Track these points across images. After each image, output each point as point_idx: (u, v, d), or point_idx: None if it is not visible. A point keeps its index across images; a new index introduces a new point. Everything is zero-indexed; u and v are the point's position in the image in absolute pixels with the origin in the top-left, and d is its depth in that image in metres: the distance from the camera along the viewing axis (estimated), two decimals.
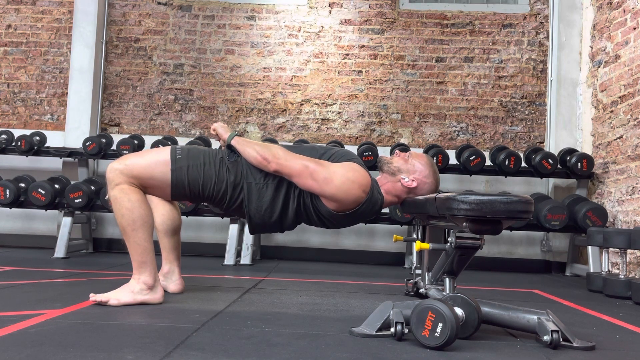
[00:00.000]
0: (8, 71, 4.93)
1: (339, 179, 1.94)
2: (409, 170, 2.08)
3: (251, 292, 2.53)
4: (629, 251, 3.39)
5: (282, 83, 4.84)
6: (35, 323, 1.64)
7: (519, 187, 4.58)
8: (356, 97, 4.80)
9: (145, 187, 2.03)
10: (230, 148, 2.11)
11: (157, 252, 2.11)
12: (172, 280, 2.37)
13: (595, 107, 4.30)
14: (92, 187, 4.00)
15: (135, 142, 4.35)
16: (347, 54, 4.83)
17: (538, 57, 4.74)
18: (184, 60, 4.90)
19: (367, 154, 4.08)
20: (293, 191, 2.04)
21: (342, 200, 1.96)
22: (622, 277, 2.98)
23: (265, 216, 2.06)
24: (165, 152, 2.06)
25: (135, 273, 2.02)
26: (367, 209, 2.02)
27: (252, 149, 2.02)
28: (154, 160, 2.04)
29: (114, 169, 2.01)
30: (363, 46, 4.83)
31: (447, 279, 1.74)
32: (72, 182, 4.08)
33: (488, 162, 4.32)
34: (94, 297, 1.98)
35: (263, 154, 1.99)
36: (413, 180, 2.07)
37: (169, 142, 4.29)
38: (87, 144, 4.27)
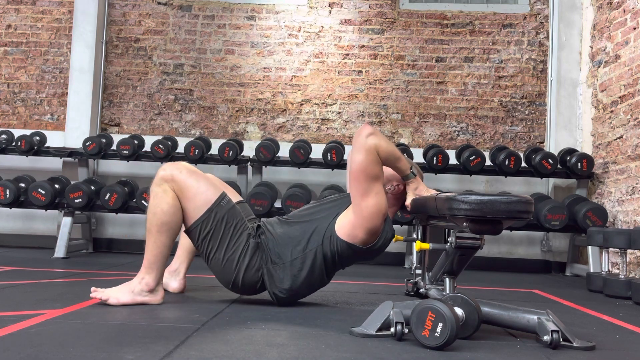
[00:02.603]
0: (8, 71, 4.93)
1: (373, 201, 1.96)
2: (388, 179, 2.09)
3: None
4: (629, 251, 3.39)
5: (282, 83, 4.84)
6: (35, 323, 1.64)
7: (519, 187, 4.58)
8: (356, 97, 4.80)
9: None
10: (258, 229, 2.10)
11: (172, 253, 2.11)
12: (175, 279, 2.37)
13: (595, 107, 4.30)
14: (92, 187, 4.00)
15: (135, 142, 4.35)
16: (347, 54, 4.83)
17: (538, 57, 4.74)
18: (184, 60, 4.90)
19: None
20: (312, 262, 2.04)
21: (372, 227, 1.98)
22: (622, 277, 2.98)
23: (291, 293, 2.08)
24: (215, 192, 2.06)
25: (141, 272, 2.02)
26: (389, 233, 2.05)
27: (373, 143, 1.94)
28: (203, 190, 2.04)
29: (169, 171, 2.02)
30: (363, 46, 4.83)
31: (447, 279, 1.74)
32: (72, 182, 4.08)
33: (488, 162, 4.32)
34: (95, 292, 1.99)
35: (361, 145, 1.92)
36: (398, 185, 2.09)
37: (169, 142, 4.29)
38: (87, 144, 4.27)
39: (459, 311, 1.60)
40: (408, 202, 2.05)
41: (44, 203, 3.91)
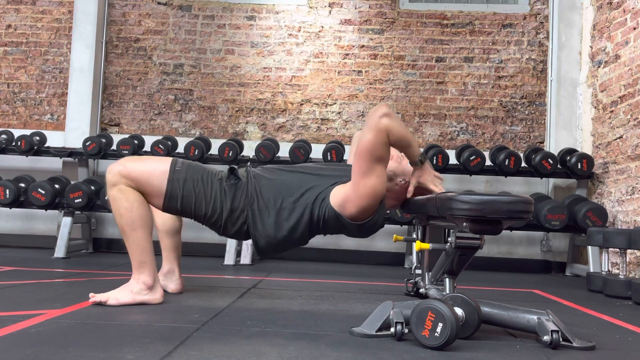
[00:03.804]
0: (8, 71, 4.93)
1: (371, 182, 1.92)
2: (404, 172, 2.08)
3: (251, 292, 2.53)
4: (629, 251, 3.39)
5: (282, 83, 4.84)
6: (35, 323, 1.64)
7: (519, 187, 4.58)
8: (356, 97, 4.80)
9: (141, 192, 2.03)
10: (231, 170, 2.08)
11: (158, 252, 2.11)
12: (172, 280, 2.37)
13: (595, 107, 4.30)
14: (92, 187, 4.00)
15: (135, 142, 4.35)
16: (347, 54, 4.83)
17: (538, 57, 4.74)
18: (184, 60, 4.90)
19: None
20: (300, 214, 2.01)
21: (365, 207, 1.94)
22: (622, 277, 2.98)
23: (271, 241, 2.05)
24: (165, 162, 2.06)
25: (135, 273, 2.03)
26: (376, 217, 2.02)
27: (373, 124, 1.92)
28: (154, 167, 2.04)
29: (113, 170, 2.01)
30: (363, 46, 4.83)
31: (447, 279, 1.74)
32: (72, 182, 4.07)
33: (488, 162, 4.31)
34: (94, 297, 1.99)
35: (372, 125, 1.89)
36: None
37: (169, 142, 4.29)
38: (87, 144, 4.27)
39: (459, 311, 1.60)
40: (410, 187, 2.04)
41: (44, 203, 3.91)
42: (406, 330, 1.58)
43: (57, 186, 4.01)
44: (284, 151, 4.39)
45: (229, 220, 2.03)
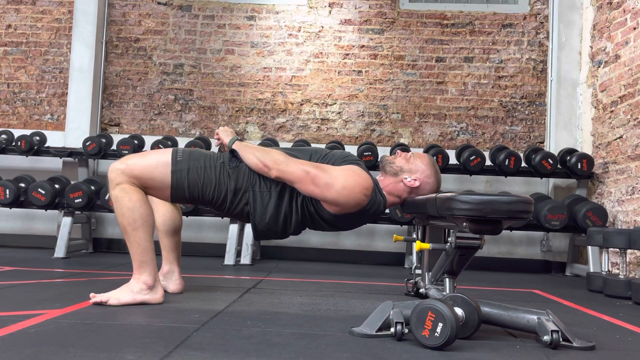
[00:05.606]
0: (8, 71, 4.93)
1: (340, 183, 1.93)
2: (411, 170, 2.08)
3: (251, 292, 2.53)
4: (629, 251, 3.39)
5: (282, 83, 4.84)
6: (35, 323, 1.64)
7: (519, 187, 4.58)
8: (356, 97, 4.80)
9: (145, 187, 2.03)
10: (232, 153, 2.11)
11: (158, 252, 2.11)
12: (172, 280, 2.37)
13: (595, 107, 4.30)
14: (92, 187, 4.00)
15: (135, 142, 4.35)
16: (347, 54, 4.83)
17: (538, 57, 4.74)
18: (184, 60, 4.90)
19: (367, 154, 4.08)
20: (296, 198, 2.03)
21: (343, 205, 1.95)
22: (622, 277, 2.98)
23: (270, 223, 2.06)
24: (166, 154, 2.07)
25: (136, 273, 2.03)
26: (370, 211, 2.02)
27: (252, 154, 2.02)
28: (155, 161, 2.05)
29: (116, 169, 2.01)
30: (363, 46, 4.83)
31: (447, 279, 1.74)
32: (72, 182, 4.07)
33: (488, 162, 4.32)
34: (94, 298, 1.99)
35: (264, 160, 1.99)
36: (415, 180, 2.07)
37: (169, 142, 4.29)
38: (87, 144, 4.27)
39: (459, 311, 1.60)
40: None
41: (44, 203, 3.91)
42: (406, 330, 1.58)
43: (57, 186, 4.01)
44: None
45: (233, 202, 2.05)
